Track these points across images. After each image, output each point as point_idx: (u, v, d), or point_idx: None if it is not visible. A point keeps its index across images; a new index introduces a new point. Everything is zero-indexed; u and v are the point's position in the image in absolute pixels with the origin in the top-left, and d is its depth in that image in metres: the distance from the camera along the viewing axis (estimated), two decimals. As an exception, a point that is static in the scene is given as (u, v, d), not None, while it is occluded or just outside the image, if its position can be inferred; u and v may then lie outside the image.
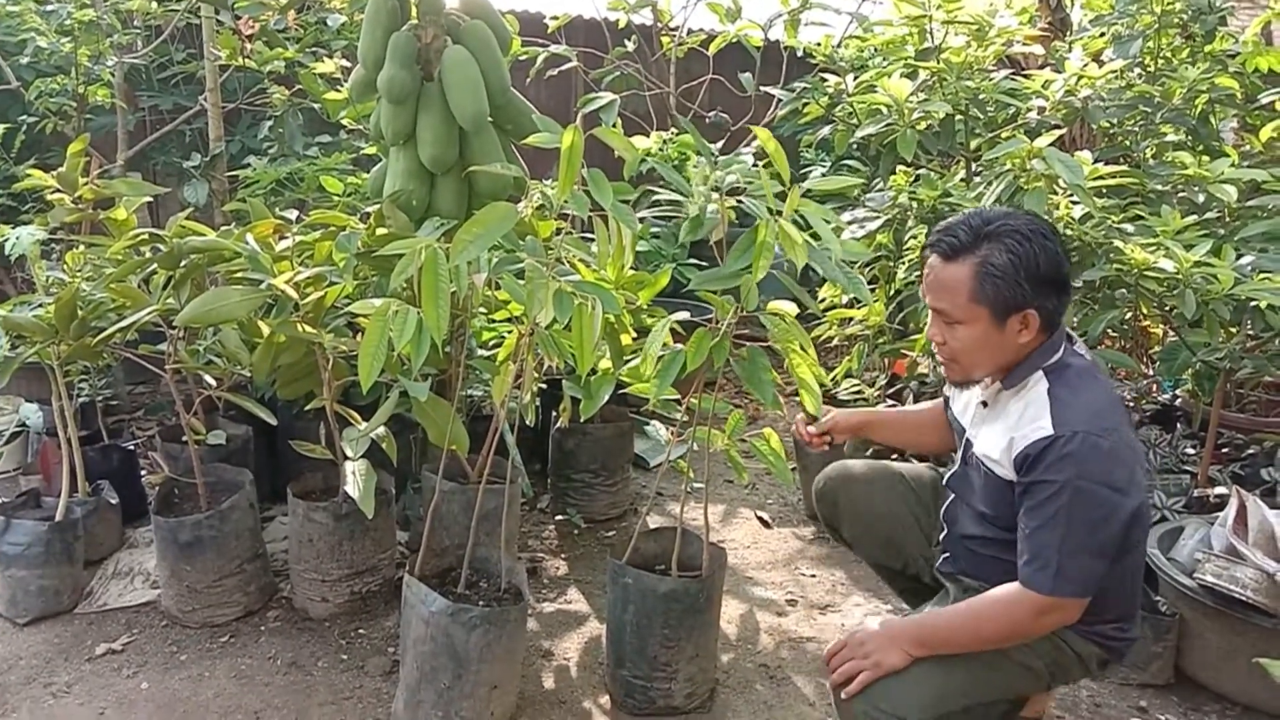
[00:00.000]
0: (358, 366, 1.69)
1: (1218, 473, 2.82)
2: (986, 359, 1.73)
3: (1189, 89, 3.05)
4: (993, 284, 1.64)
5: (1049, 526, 1.60)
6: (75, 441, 2.60)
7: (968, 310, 1.68)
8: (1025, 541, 1.64)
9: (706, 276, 1.79)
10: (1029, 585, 1.61)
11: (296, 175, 3.50)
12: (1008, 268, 1.64)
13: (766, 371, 1.86)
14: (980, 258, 1.65)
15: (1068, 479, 1.58)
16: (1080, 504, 1.58)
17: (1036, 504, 1.62)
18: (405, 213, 2.45)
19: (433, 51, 2.50)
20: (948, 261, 1.69)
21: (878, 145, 2.83)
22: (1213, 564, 2.19)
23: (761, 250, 1.70)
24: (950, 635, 1.67)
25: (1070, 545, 1.58)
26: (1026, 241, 1.65)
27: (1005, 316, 1.66)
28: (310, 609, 2.45)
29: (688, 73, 5.16)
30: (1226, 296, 2.35)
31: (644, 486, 3.41)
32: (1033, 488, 1.63)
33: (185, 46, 4.30)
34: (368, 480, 2.20)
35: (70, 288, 2.33)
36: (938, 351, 1.80)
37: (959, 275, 1.67)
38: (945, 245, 1.69)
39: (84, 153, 2.64)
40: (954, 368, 1.78)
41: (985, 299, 1.66)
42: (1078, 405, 1.63)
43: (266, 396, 2.79)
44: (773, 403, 1.86)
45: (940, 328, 1.74)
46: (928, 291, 1.74)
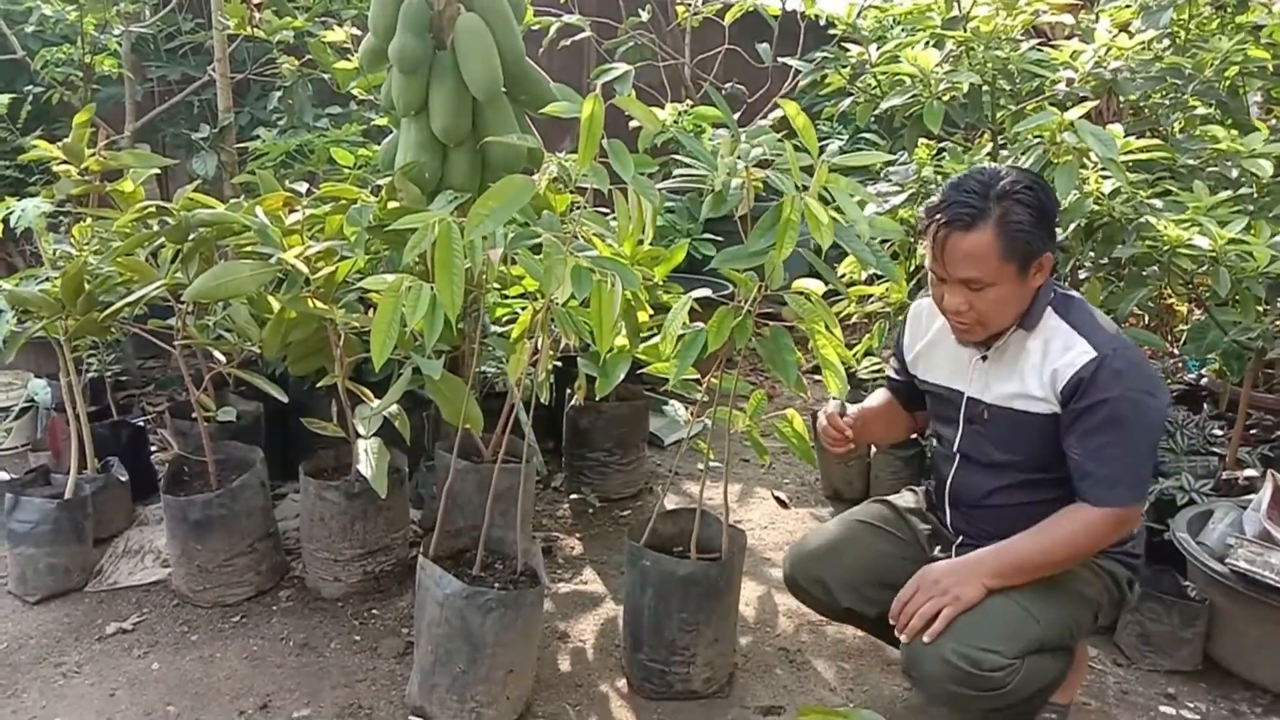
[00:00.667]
0: (370, 343, 1.64)
1: (1246, 454, 2.76)
2: (1012, 312, 1.77)
3: (1222, 61, 2.97)
4: (1019, 239, 1.69)
5: (1115, 442, 1.68)
6: (84, 417, 2.57)
7: (998, 270, 1.70)
8: (1087, 461, 1.71)
9: (729, 255, 1.74)
10: (1101, 502, 1.70)
11: (306, 147, 3.44)
12: (1027, 220, 1.69)
13: (790, 352, 1.80)
14: (998, 218, 1.69)
15: (1122, 393, 1.67)
16: (1136, 415, 1.69)
17: (1097, 423, 1.69)
18: (417, 185, 2.39)
19: (445, 19, 2.43)
20: (966, 230, 1.69)
21: (902, 117, 2.75)
22: (1245, 549, 2.13)
23: (786, 228, 1.64)
24: (1025, 559, 1.73)
25: (1134, 456, 1.71)
26: (1032, 191, 1.72)
27: (1028, 267, 1.72)
28: (322, 589, 2.42)
29: (702, 43, 5.08)
30: (1262, 274, 2.29)
31: (658, 465, 3.37)
32: (1090, 410, 1.69)
33: (193, 16, 4.23)
34: (380, 459, 2.16)
35: (77, 261, 2.28)
36: (958, 320, 1.79)
37: (983, 240, 1.69)
38: (962, 217, 1.70)
39: (90, 124, 2.59)
40: (977, 330, 1.79)
41: (1014, 255, 1.70)
42: (1098, 326, 1.76)
43: (277, 372, 2.76)
44: (796, 384, 1.80)
45: (964, 296, 1.75)
46: (948, 264, 1.73)
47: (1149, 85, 2.95)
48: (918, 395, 2.11)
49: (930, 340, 1.99)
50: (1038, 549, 1.73)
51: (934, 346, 1.98)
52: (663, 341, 1.84)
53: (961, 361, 1.91)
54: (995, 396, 1.83)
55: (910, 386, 2.08)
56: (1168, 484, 2.57)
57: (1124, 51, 2.80)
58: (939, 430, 2.03)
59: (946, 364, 1.95)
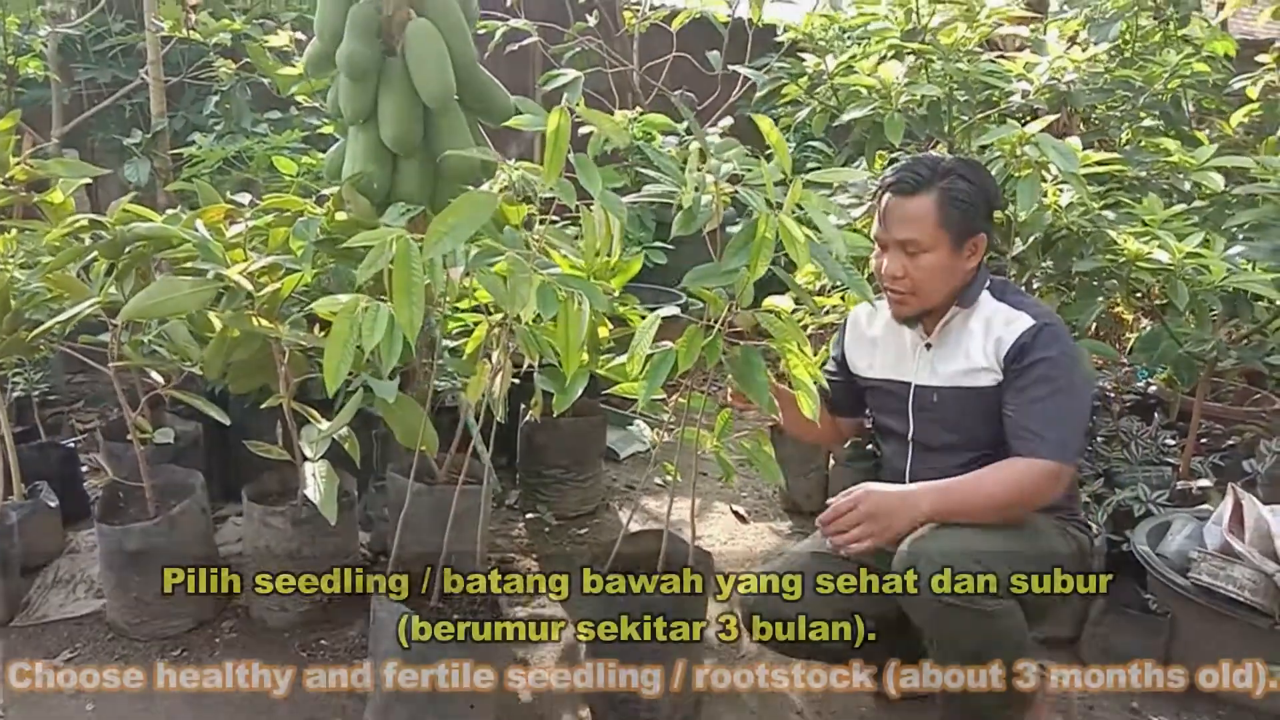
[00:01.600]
0: (322, 365, 1.56)
1: (1199, 464, 2.78)
2: (943, 285, 1.88)
3: (1170, 73, 3.00)
4: (957, 210, 1.83)
5: (1048, 398, 1.79)
6: (10, 439, 2.43)
7: (934, 236, 1.83)
8: (1023, 417, 1.80)
9: (700, 273, 1.68)
10: (1034, 454, 1.78)
11: (245, 154, 3.32)
12: (969, 195, 1.84)
13: (761, 372, 1.74)
14: (942, 188, 1.83)
15: (1059, 354, 1.80)
16: (1070, 376, 1.81)
17: (1032, 380, 1.80)
18: (366, 196, 2.30)
19: (395, 24, 2.34)
20: (910, 196, 1.84)
21: (862, 130, 2.73)
22: (1208, 563, 2.14)
23: (761, 247, 1.60)
24: (965, 502, 1.79)
25: (1067, 415, 1.80)
26: (977, 173, 1.89)
27: (963, 242, 1.85)
28: (268, 619, 2.31)
29: (650, 50, 5.03)
30: (1217, 287, 2.30)
31: (615, 480, 3.30)
32: (1027, 369, 1.81)
33: (123, 16, 4.06)
34: (329, 483, 2.07)
35: (2, 277, 2.15)
36: (894, 286, 1.89)
37: (924, 205, 1.83)
38: (907, 182, 1.85)
39: (15, 129, 2.45)
40: (911, 300, 1.90)
41: (950, 224, 1.83)
42: (1034, 303, 1.91)
43: (216, 391, 2.64)
44: (768, 406, 1.75)
45: (902, 260, 1.86)
46: (890, 226, 1.87)
47: (1099, 97, 2.98)
48: (850, 399, 2.17)
49: (873, 339, 2.07)
50: (978, 491, 1.79)
51: (875, 346, 2.07)
52: (630, 361, 1.78)
53: (905, 353, 2.00)
54: (942, 378, 1.93)
55: (844, 388, 2.14)
56: (1124, 495, 2.58)
57: (1077, 64, 2.81)
58: (889, 425, 2.07)
59: (890, 358, 2.03)
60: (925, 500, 1.79)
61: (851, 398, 2.17)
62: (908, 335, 1.99)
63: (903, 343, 2.00)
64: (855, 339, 2.12)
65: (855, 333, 2.12)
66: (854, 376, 2.12)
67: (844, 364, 2.14)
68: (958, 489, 1.81)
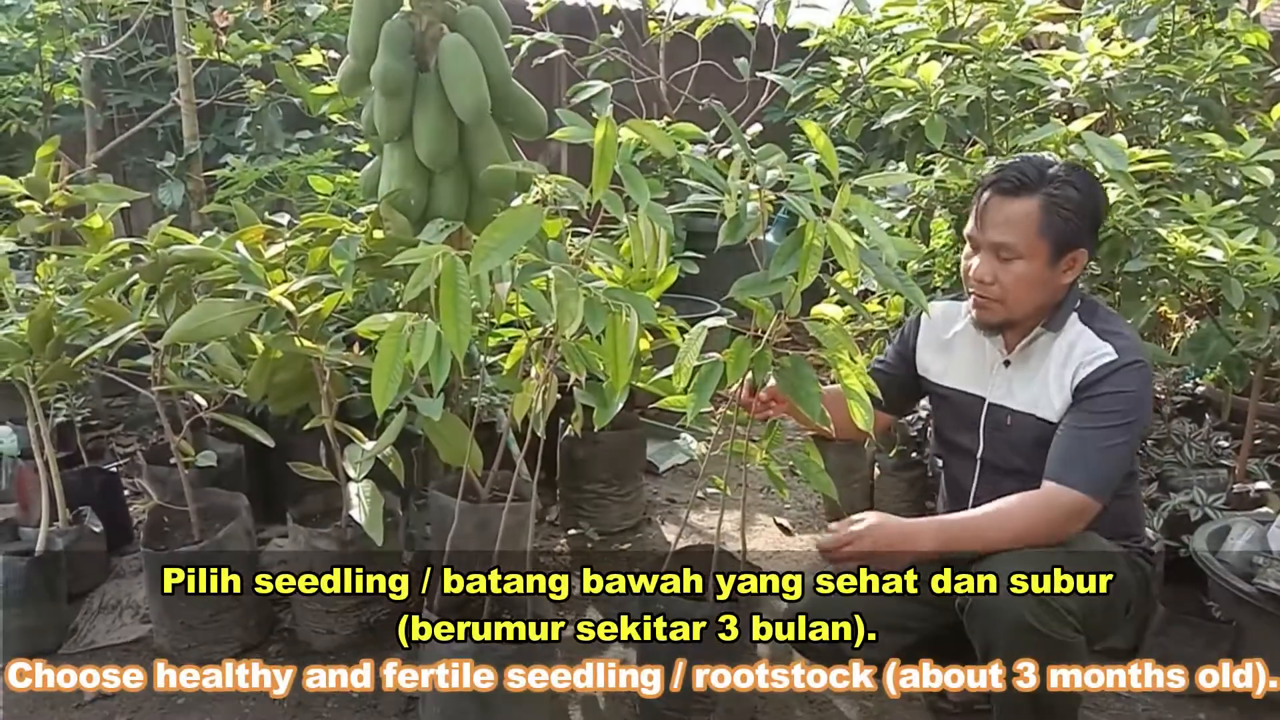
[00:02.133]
0: (371, 385, 1.53)
1: (1255, 466, 2.72)
2: (1032, 298, 1.77)
3: (1211, 67, 2.95)
4: (1061, 218, 1.71)
5: (1102, 434, 1.69)
6: (54, 465, 2.43)
7: (1032, 244, 1.72)
8: (1068, 443, 1.71)
9: (748, 283, 1.65)
10: (1071, 485, 1.68)
11: (279, 174, 3.32)
12: (1076, 204, 1.72)
13: (812, 383, 1.71)
14: (1048, 193, 1.71)
15: (1131, 392, 1.70)
16: (1135, 422, 1.71)
17: (1095, 413, 1.70)
18: (403, 213, 2.29)
19: (428, 40, 2.34)
20: (1012, 197, 1.73)
21: (901, 132, 2.69)
22: (1275, 569, 2.08)
23: (809, 255, 1.56)
24: (980, 533, 1.70)
25: (1115, 456, 1.70)
26: (1089, 184, 1.77)
27: (1062, 254, 1.74)
28: (314, 641, 2.29)
29: (674, 59, 5.01)
30: (1271, 285, 2.24)
31: (655, 493, 3.27)
32: (1095, 399, 1.71)
33: (154, 41, 4.09)
34: (374, 503, 2.05)
35: (44, 303, 2.15)
36: (981, 292, 1.80)
37: (1026, 208, 1.72)
38: (1011, 181, 1.74)
39: (54, 156, 2.45)
40: (996, 309, 1.80)
41: (1051, 233, 1.72)
42: (1125, 335, 1.77)
43: (256, 412, 2.63)
44: (820, 417, 1.71)
45: (993, 265, 1.76)
46: (986, 227, 1.76)
47: (1139, 93, 2.93)
48: (900, 396, 2.07)
49: (948, 343, 1.96)
50: (997, 526, 1.70)
51: (952, 350, 1.96)
52: (677, 374, 1.75)
53: (982, 366, 1.90)
54: (1019, 403, 1.83)
55: (894, 380, 2.02)
56: (1179, 499, 2.52)
57: (1117, 60, 2.76)
58: (956, 440, 1.98)
59: (966, 369, 1.93)
60: (928, 537, 1.71)
61: (902, 394, 2.07)
62: (987, 347, 1.89)
63: (981, 354, 1.90)
64: (929, 339, 2.00)
65: (930, 332, 2.00)
66: (918, 376, 2.02)
67: (909, 361, 2.03)
68: (969, 524, 1.73)
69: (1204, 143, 2.68)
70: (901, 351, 2.05)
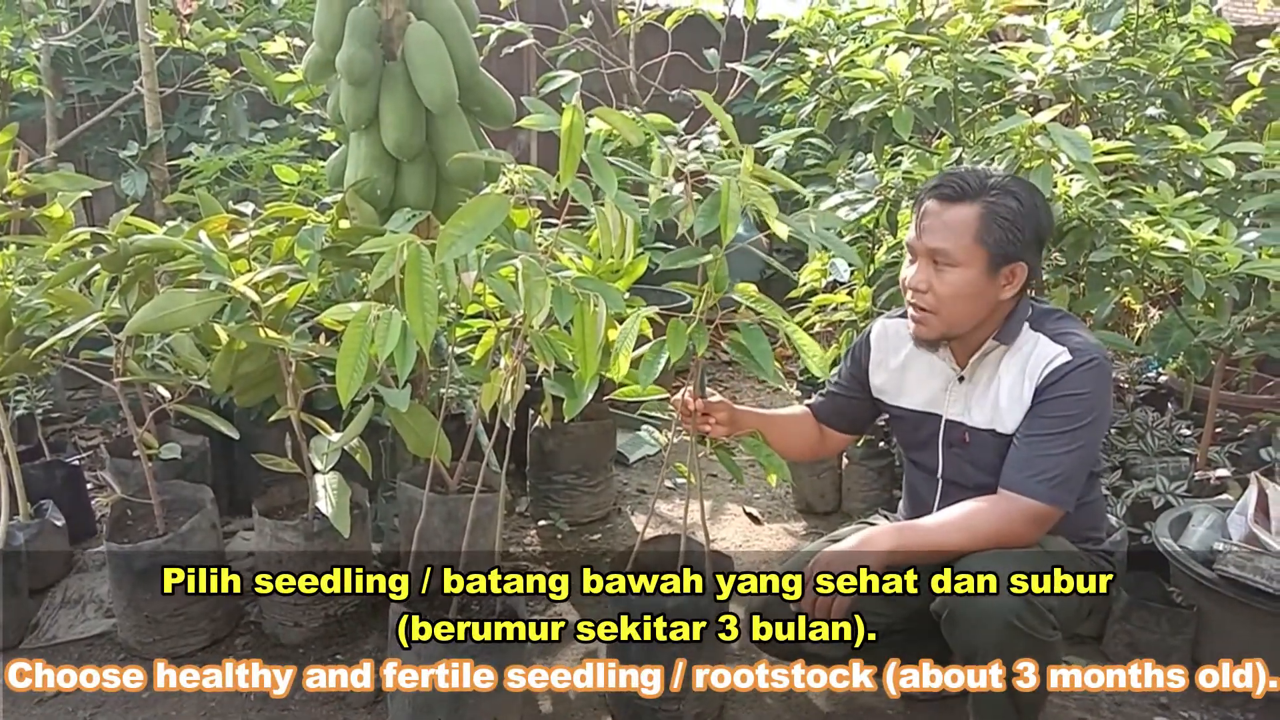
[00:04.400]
0: (335, 376, 1.52)
1: (1216, 453, 2.76)
2: (968, 310, 1.73)
3: (1175, 61, 2.98)
4: (999, 227, 1.67)
5: (1061, 438, 1.66)
6: (14, 458, 2.39)
7: (968, 251, 1.68)
8: (1027, 449, 1.69)
9: (676, 255, 1.67)
10: (1031, 495, 1.66)
11: (244, 163, 3.28)
12: (1015, 215, 1.67)
13: (763, 341, 1.69)
14: (988, 202, 1.68)
15: (1089, 393, 1.67)
16: (1093, 423, 1.68)
17: (1052, 417, 1.67)
18: (369, 202, 2.27)
19: (395, 28, 2.32)
20: (952, 203, 1.70)
21: (869, 124, 2.70)
22: (1234, 554, 2.11)
23: (727, 213, 1.55)
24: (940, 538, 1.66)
25: (1076, 459, 1.67)
26: (1030, 195, 1.71)
27: (1000, 266, 1.69)
28: (281, 634, 2.27)
29: (644, 50, 5.00)
30: (1232, 275, 2.28)
31: (625, 484, 3.27)
32: (1050, 403, 1.68)
33: (116, 28, 4.03)
34: (341, 495, 2.03)
35: (3, 294, 2.12)
36: (917, 301, 1.75)
37: (964, 215, 1.68)
38: (951, 188, 1.70)
39: (12, 144, 2.41)
40: (931, 321, 1.75)
41: (989, 242, 1.67)
42: (1078, 335, 1.73)
43: (222, 403, 2.61)
44: (775, 378, 1.70)
45: (928, 272, 1.72)
46: (924, 233, 1.72)
47: (1104, 86, 2.96)
48: (854, 417, 2.06)
49: (902, 362, 1.93)
50: (957, 528, 1.67)
51: (906, 369, 1.92)
52: (616, 362, 1.72)
53: (936, 385, 1.87)
54: (976, 420, 1.80)
55: (850, 403, 2.03)
56: (1142, 486, 2.56)
57: (1082, 53, 2.79)
58: (915, 456, 1.97)
59: (920, 388, 1.90)
60: (885, 541, 1.65)
61: (856, 416, 2.06)
62: (940, 364, 1.85)
63: (934, 372, 1.86)
64: (880, 360, 1.96)
65: (882, 352, 1.96)
66: (874, 399, 1.99)
67: (864, 383, 2.00)
68: (928, 530, 1.70)
69: (1167, 135, 2.71)
70: (855, 374, 2.02)
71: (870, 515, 2.33)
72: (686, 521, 1.98)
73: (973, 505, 1.70)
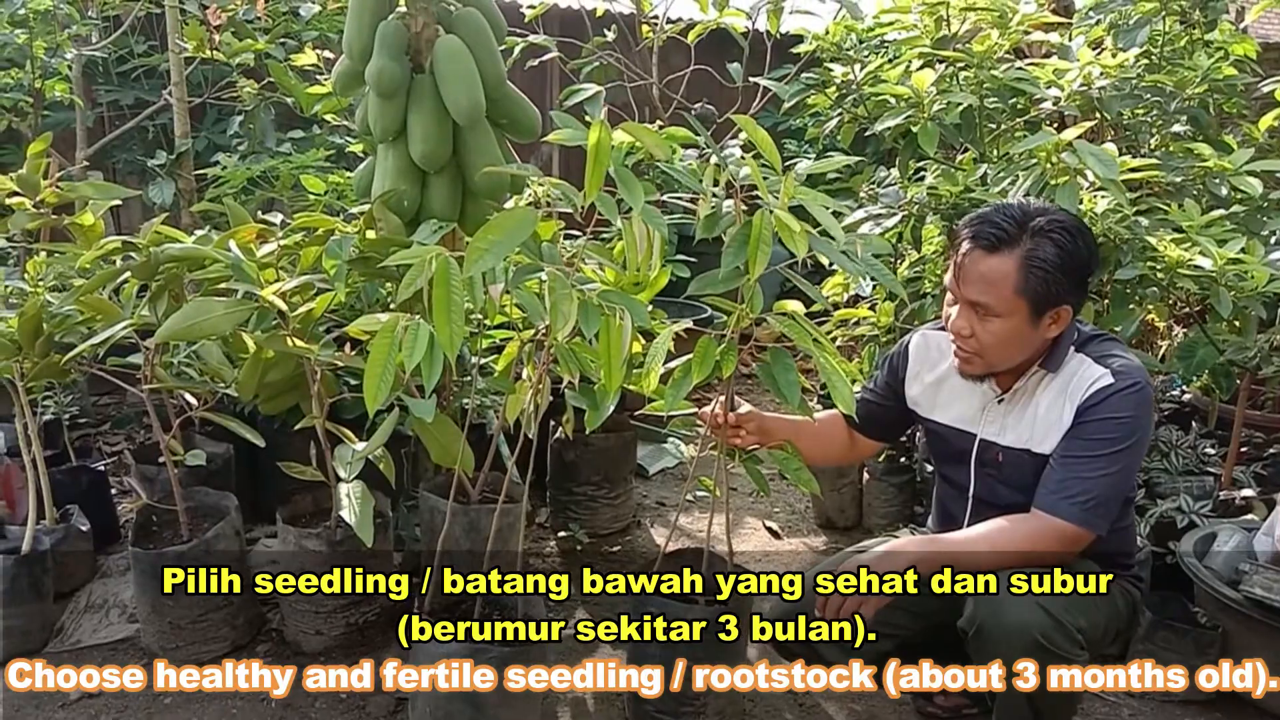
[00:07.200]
0: (362, 386, 1.53)
1: (1241, 473, 2.73)
2: (1014, 353, 1.71)
3: (1201, 78, 2.97)
4: (1039, 278, 1.63)
5: (1098, 461, 1.64)
6: (41, 463, 2.41)
7: (1009, 304, 1.65)
8: (1063, 470, 1.66)
9: (704, 280, 1.66)
10: (1059, 514, 1.64)
11: (271, 173, 3.31)
12: (1054, 263, 1.63)
13: (791, 370, 1.69)
14: (1026, 251, 1.63)
15: (1129, 416, 1.64)
16: (1132, 448, 1.66)
17: (1091, 439, 1.65)
18: (396, 214, 2.29)
19: (423, 41, 2.34)
20: (990, 253, 1.65)
21: (893, 139, 2.70)
22: (1261, 575, 2.09)
23: (758, 245, 1.55)
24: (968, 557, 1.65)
25: (1111, 482, 1.65)
26: (1072, 238, 1.65)
27: (1043, 312, 1.66)
28: (303, 642, 2.28)
29: (667, 64, 5.02)
30: (1259, 293, 2.26)
31: (644, 496, 3.27)
32: (1090, 425, 1.66)
33: (145, 38, 4.08)
34: (365, 504, 2.04)
35: (34, 301, 2.14)
36: (960, 344, 1.74)
37: (1003, 268, 1.64)
38: (989, 236, 1.65)
39: (45, 153, 2.44)
40: (976, 361, 1.74)
41: (1028, 293, 1.64)
42: (1122, 357, 1.70)
43: (247, 411, 2.62)
44: (800, 407, 1.70)
45: (970, 320, 1.70)
46: (963, 283, 1.69)
47: (1129, 103, 2.95)
48: (888, 425, 2.05)
49: (940, 376, 1.91)
50: (987, 549, 1.66)
51: (944, 384, 1.90)
52: (646, 377, 1.72)
53: (974, 403, 1.85)
54: (1010, 439, 1.78)
55: (884, 411, 2.00)
56: (1166, 506, 2.54)
57: (1108, 70, 2.78)
58: (946, 471, 1.96)
59: (958, 404, 1.88)
60: (912, 553, 1.64)
61: (890, 424, 2.05)
62: (980, 385, 1.83)
63: (973, 391, 1.84)
64: (916, 373, 1.94)
65: (920, 364, 1.94)
66: (908, 410, 1.97)
67: (899, 394, 1.98)
68: (956, 544, 1.70)
69: (1193, 152, 2.70)
70: (890, 383, 2.00)
71: (895, 530, 2.32)
72: (710, 535, 1.98)
73: (1003, 523, 1.69)
